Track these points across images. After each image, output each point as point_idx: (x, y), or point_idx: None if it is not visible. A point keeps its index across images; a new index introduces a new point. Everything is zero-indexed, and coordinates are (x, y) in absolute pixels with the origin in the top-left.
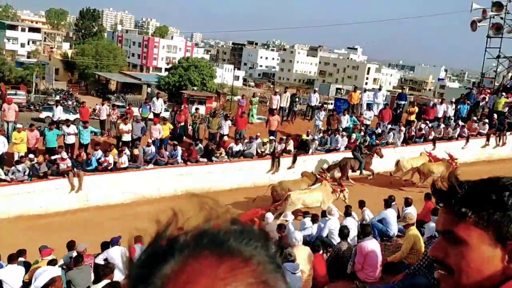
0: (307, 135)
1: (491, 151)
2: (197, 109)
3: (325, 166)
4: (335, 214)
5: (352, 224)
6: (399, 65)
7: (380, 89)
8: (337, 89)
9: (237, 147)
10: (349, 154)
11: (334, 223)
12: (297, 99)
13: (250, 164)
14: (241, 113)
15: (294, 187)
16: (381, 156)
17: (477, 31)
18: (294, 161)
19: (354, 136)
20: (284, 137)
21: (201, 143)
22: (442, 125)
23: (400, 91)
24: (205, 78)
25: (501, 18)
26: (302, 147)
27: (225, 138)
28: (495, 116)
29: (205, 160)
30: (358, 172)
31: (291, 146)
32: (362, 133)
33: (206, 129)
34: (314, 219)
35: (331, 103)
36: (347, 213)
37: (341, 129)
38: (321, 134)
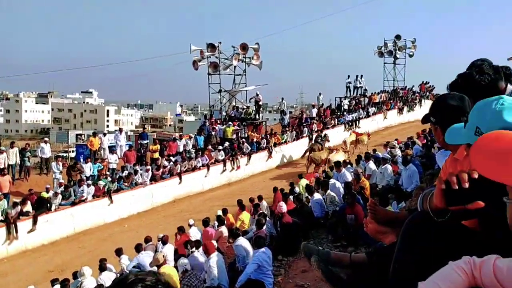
0: (47, 192)
1: (229, 174)
2: None
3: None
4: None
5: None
6: (137, 105)
7: (120, 131)
8: (77, 135)
9: None
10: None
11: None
12: (28, 153)
13: None
14: None
15: (322, 155)
16: None
17: (199, 69)
18: (34, 223)
19: (101, 183)
20: (19, 199)
21: None
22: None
23: (142, 130)
24: None
25: (216, 57)
26: (42, 205)
27: None
28: (227, 143)
29: None
30: None
31: (28, 207)
32: (109, 178)
33: None
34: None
35: (73, 151)
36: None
37: (85, 178)
38: (62, 188)
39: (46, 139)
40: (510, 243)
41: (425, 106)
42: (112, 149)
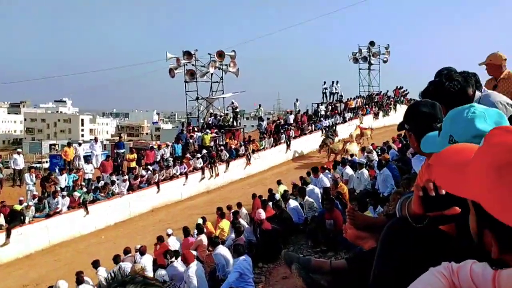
0: (20, 204)
1: (208, 182)
2: None
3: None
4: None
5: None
6: (113, 113)
7: (96, 140)
8: (51, 145)
9: None
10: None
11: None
12: (0, 165)
13: None
14: None
15: (339, 145)
16: None
17: (176, 77)
18: (8, 236)
19: (76, 193)
20: None
21: None
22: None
23: (118, 139)
24: None
25: (193, 65)
26: (16, 218)
27: None
28: (205, 151)
29: None
30: None
31: (1, 220)
32: (84, 189)
33: None
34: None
35: (46, 161)
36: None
37: (59, 189)
38: (36, 200)
39: (19, 150)
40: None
41: (400, 111)
42: (87, 159)
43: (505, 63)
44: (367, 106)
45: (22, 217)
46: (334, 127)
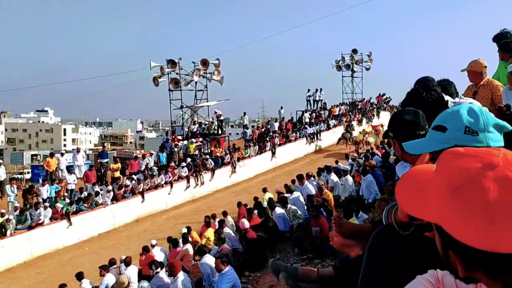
0: (2, 216)
1: (193, 191)
2: None
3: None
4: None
5: None
6: (96, 123)
7: (78, 151)
8: (32, 155)
9: None
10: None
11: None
12: None
13: None
14: None
15: (359, 137)
16: None
17: (160, 85)
18: None
19: (59, 205)
20: None
21: None
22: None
23: (101, 149)
24: None
25: (177, 73)
26: None
27: None
28: (189, 159)
29: None
30: None
31: None
32: (67, 200)
33: None
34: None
35: (28, 172)
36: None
37: (41, 201)
38: (17, 212)
39: (0, 161)
40: None
41: (383, 117)
42: (70, 169)
43: (485, 70)
44: (350, 113)
45: (3, 230)
46: (351, 124)
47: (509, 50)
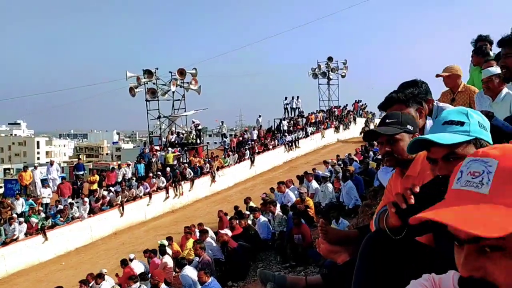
0: None
1: (172, 201)
2: None
3: None
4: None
5: None
6: (71, 135)
7: (52, 164)
8: (5, 169)
9: None
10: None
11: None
12: None
13: None
14: None
15: None
16: None
17: (137, 96)
18: None
19: (34, 219)
20: None
21: None
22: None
23: (77, 161)
24: None
25: (154, 83)
26: None
27: None
28: (168, 169)
29: None
30: None
31: None
32: (42, 214)
33: None
34: None
35: (1, 187)
36: None
37: (15, 215)
38: None
39: None
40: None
41: (360, 124)
42: (44, 183)
43: (462, 76)
44: (327, 120)
45: None
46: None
47: (484, 55)
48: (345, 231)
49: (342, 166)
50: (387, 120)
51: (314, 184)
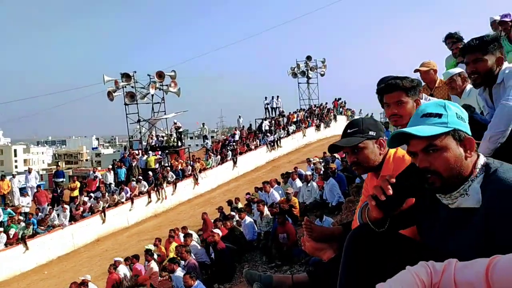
0: None
1: (155, 205)
2: None
3: None
4: None
5: None
6: (49, 141)
7: (30, 171)
8: None
9: None
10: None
11: None
12: None
13: None
14: None
15: None
16: None
17: (115, 100)
18: None
19: (13, 229)
20: None
21: None
22: (106, 194)
23: (56, 168)
24: None
25: (132, 87)
26: None
27: None
28: (150, 173)
29: None
30: None
31: None
32: (22, 224)
33: None
34: None
35: None
36: None
37: None
38: None
39: None
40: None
41: (340, 122)
42: (23, 192)
43: (437, 71)
44: (308, 119)
45: None
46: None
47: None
48: (329, 228)
49: (324, 164)
50: (348, 131)
51: (298, 182)
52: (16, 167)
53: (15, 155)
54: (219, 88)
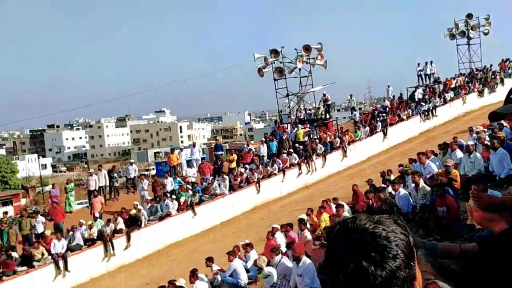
0: (135, 209)
1: (305, 177)
2: (5, 213)
3: None
4: None
5: None
6: (207, 118)
7: (194, 145)
8: (155, 153)
9: (60, 244)
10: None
11: None
12: (115, 174)
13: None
14: (54, 204)
15: None
16: None
17: (265, 76)
18: (128, 239)
19: (183, 197)
20: (111, 217)
21: (14, 250)
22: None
23: (215, 142)
24: (5, 175)
25: (280, 62)
26: (134, 222)
27: (47, 233)
28: (300, 146)
29: (24, 268)
30: None
31: (121, 224)
32: (190, 192)
33: (17, 232)
34: None
35: (153, 169)
36: None
37: (168, 193)
38: (149, 204)
39: (132, 160)
40: None
41: (508, 85)
42: (189, 163)
43: None
44: (469, 84)
45: (139, 222)
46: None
47: None
48: (500, 197)
49: (490, 133)
50: (511, 96)
51: (459, 153)
52: (182, 142)
53: (181, 131)
54: (366, 58)
